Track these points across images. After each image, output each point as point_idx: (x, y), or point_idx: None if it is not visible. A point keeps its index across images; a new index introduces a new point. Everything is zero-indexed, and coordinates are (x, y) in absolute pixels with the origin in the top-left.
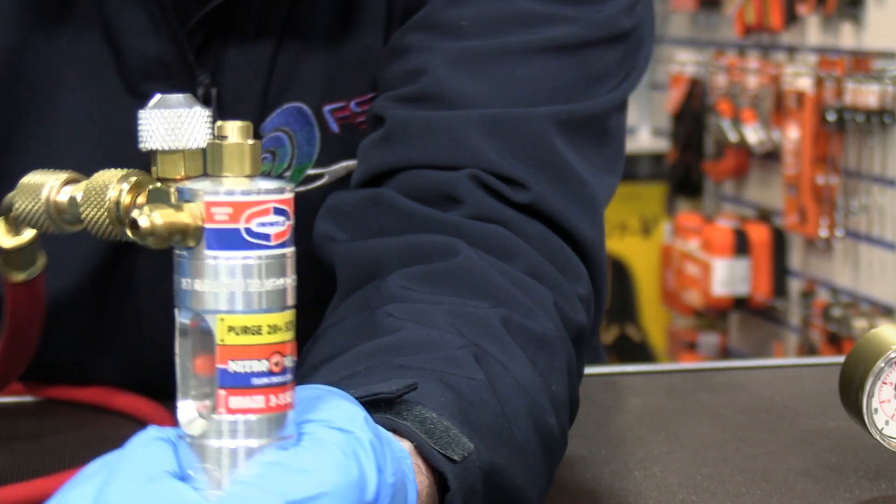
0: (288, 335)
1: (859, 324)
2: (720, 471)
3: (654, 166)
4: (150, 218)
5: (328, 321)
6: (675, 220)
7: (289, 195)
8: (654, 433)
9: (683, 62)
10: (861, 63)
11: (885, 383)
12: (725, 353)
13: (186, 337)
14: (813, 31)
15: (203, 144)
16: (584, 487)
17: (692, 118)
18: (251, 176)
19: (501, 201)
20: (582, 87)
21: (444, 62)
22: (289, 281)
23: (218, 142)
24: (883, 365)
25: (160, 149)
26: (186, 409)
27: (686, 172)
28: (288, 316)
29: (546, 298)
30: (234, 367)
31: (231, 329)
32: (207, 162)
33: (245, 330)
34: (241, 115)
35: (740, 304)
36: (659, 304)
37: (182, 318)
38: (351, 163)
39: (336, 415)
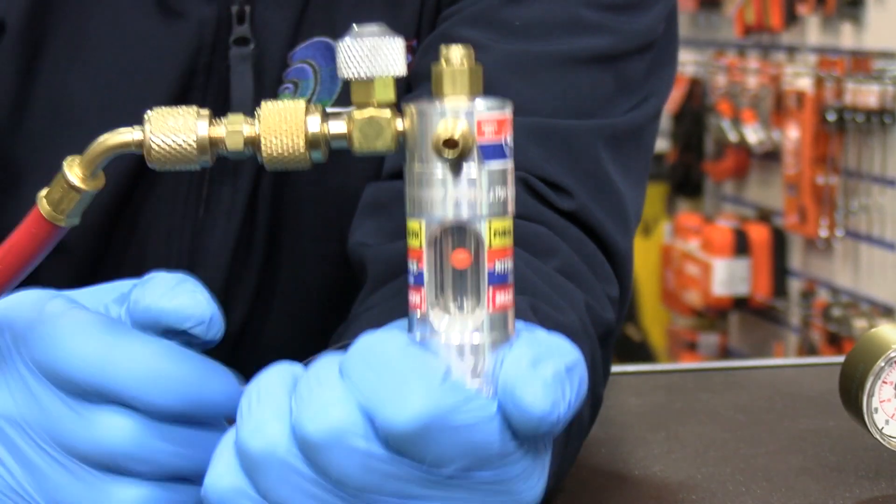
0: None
1: (859, 324)
2: (720, 471)
3: (654, 166)
4: (463, 134)
5: (359, 308)
6: (675, 220)
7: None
8: (654, 433)
9: (683, 62)
10: (861, 63)
11: (885, 383)
12: (725, 353)
13: (433, 247)
14: (813, 31)
15: (401, 72)
16: (584, 487)
17: (692, 118)
18: (473, 96)
19: (545, 205)
20: (615, 97)
21: (496, 63)
22: None
23: (449, 66)
24: (883, 364)
25: (357, 77)
26: (438, 315)
27: (686, 172)
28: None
29: (575, 296)
30: (499, 267)
31: (496, 232)
32: (434, 84)
33: (505, 232)
34: (272, 40)
35: (740, 304)
36: (659, 304)
37: (432, 229)
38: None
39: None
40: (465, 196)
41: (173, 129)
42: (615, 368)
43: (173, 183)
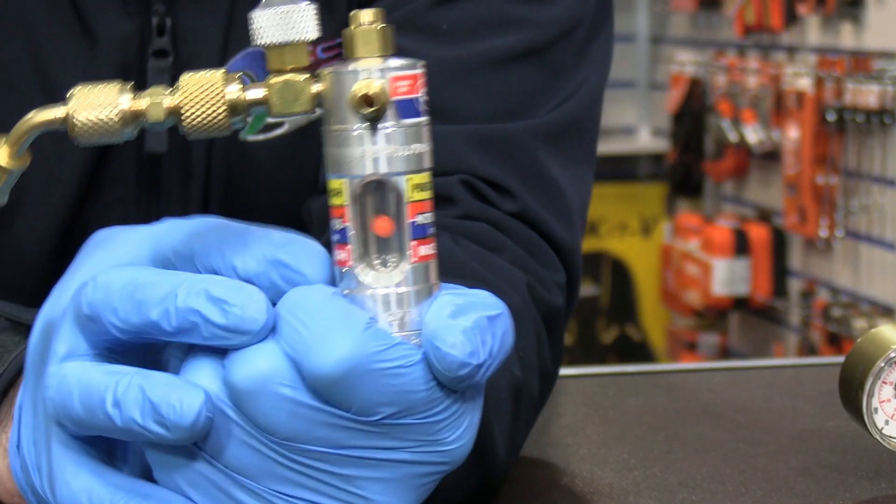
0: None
1: (859, 324)
2: (720, 471)
3: (654, 166)
4: (379, 91)
5: None
6: (675, 220)
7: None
8: (654, 433)
9: (683, 62)
10: (861, 63)
11: (885, 383)
12: (725, 353)
13: (357, 203)
14: (813, 31)
15: (314, 36)
16: (585, 487)
17: (692, 118)
18: (385, 56)
19: (490, 206)
20: (548, 87)
21: (430, 71)
22: None
23: (359, 28)
24: (883, 365)
25: (271, 42)
26: (364, 269)
27: (686, 172)
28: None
29: (516, 278)
30: (420, 219)
31: (416, 187)
32: (346, 47)
33: (423, 187)
34: (199, 51)
35: (740, 304)
36: (659, 304)
37: (354, 186)
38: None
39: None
40: (384, 152)
41: (95, 104)
42: (615, 369)
43: (121, 195)
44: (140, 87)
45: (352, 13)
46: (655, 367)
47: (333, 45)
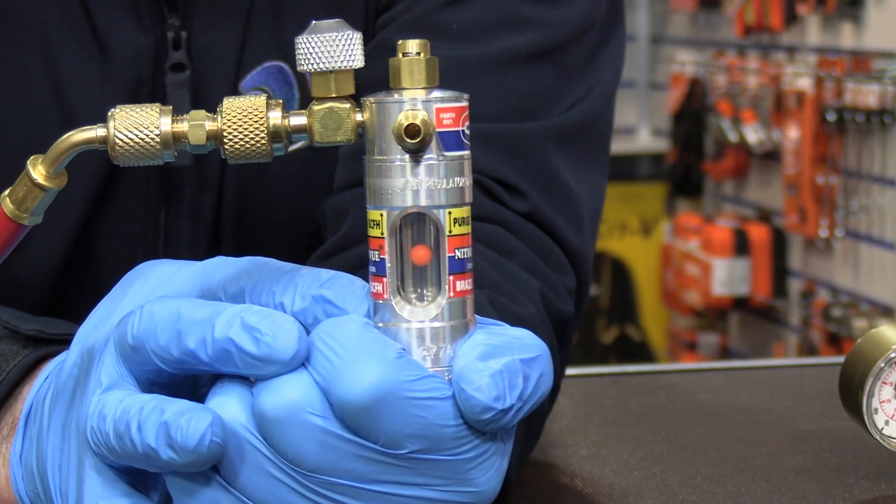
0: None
1: (859, 324)
2: (720, 471)
3: (654, 166)
4: (423, 122)
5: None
6: (675, 220)
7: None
8: (654, 433)
9: (683, 62)
10: (861, 63)
11: (885, 383)
12: (725, 353)
13: (395, 236)
14: (813, 31)
15: (360, 64)
16: (585, 487)
17: (692, 118)
18: (430, 88)
19: (501, 206)
20: (560, 88)
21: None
22: None
23: (405, 58)
24: (883, 365)
25: (316, 69)
26: (400, 303)
27: (686, 172)
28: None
29: (531, 287)
30: (458, 254)
31: (456, 220)
32: (392, 77)
33: (463, 221)
34: (214, 65)
35: (740, 304)
36: (659, 304)
37: (393, 218)
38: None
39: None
40: (425, 184)
41: (137, 125)
42: (615, 369)
43: (129, 210)
44: (156, 101)
45: (399, 43)
46: (655, 367)
47: None
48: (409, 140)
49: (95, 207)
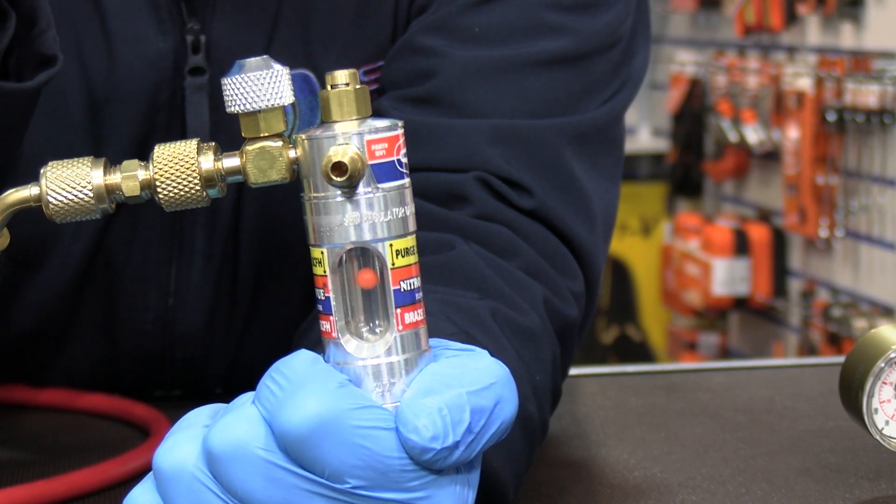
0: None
1: (859, 324)
2: (720, 471)
3: (654, 166)
4: (353, 158)
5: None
6: (675, 220)
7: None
8: (654, 433)
9: (683, 62)
10: (861, 63)
11: (885, 383)
12: (725, 353)
13: (337, 272)
14: (813, 31)
15: (288, 101)
16: (585, 487)
17: (692, 118)
18: (362, 118)
19: (506, 204)
20: (582, 97)
21: (456, 69)
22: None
23: (334, 90)
24: (883, 365)
25: (243, 111)
26: (349, 340)
27: (686, 172)
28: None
29: (535, 294)
30: (404, 286)
31: (398, 252)
32: (322, 110)
33: (407, 252)
34: None
35: (740, 304)
36: (659, 304)
37: (334, 256)
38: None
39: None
40: (363, 219)
41: (68, 182)
42: (615, 369)
43: (144, 230)
44: (175, 104)
45: (327, 74)
46: (655, 367)
47: (375, 67)
48: (337, 178)
49: (106, 229)
